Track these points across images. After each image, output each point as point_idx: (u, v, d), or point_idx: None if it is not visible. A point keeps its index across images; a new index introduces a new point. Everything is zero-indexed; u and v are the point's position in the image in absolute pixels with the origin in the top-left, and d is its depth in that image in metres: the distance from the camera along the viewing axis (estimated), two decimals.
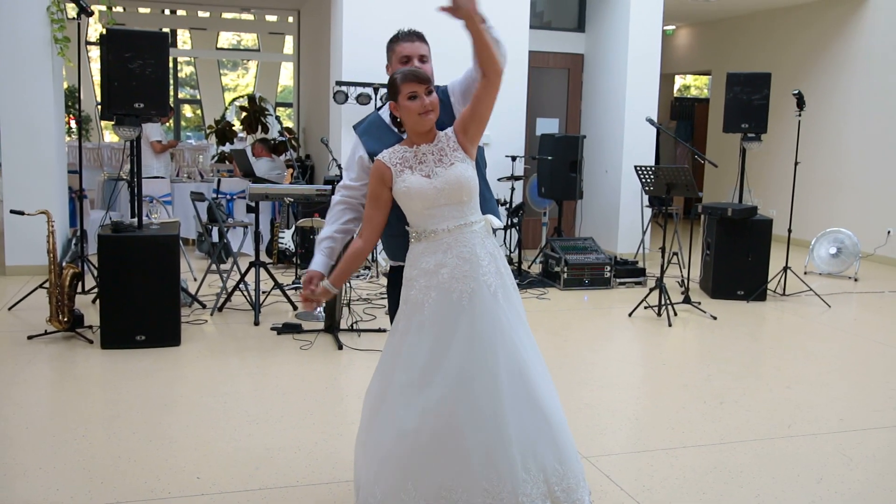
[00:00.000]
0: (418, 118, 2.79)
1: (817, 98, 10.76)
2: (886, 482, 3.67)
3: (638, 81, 9.32)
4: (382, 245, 3.25)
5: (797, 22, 11.45)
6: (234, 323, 6.17)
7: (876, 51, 10.16)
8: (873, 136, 10.15)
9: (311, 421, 4.21)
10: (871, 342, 6.27)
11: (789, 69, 11.35)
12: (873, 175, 10.14)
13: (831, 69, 10.83)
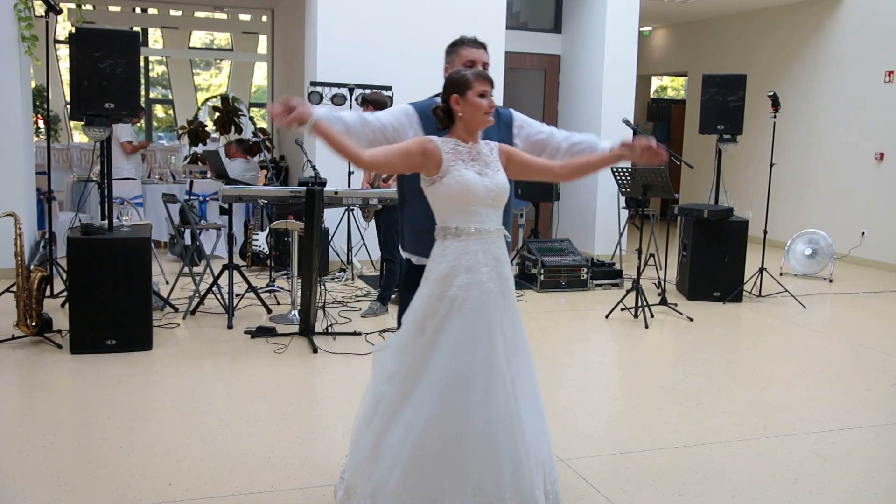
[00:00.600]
0: (483, 116, 2.86)
1: (792, 99, 10.88)
2: (860, 482, 3.72)
3: (614, 83, 9.38)
4: (406, 242, 3.28)
5: (772, 23, 11.58)
6: (207, 327, 6.14)
7: (849, 52, 10.30)
8: (847, 137, 10.28)
9: (286, 425, 4.19)
10: (846, 343, 6.36)
11: (765, 71, 11.47)
12: (848, 176, 10.27)
13: (806, 70, 10.97)
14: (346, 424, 4.20)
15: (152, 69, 20.02)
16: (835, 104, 10.51)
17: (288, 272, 7.05)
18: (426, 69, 8.72)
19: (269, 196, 6.06)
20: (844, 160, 10.34)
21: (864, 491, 3.63)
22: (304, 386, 4.91)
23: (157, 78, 20.61)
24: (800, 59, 11.07)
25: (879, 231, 9.81)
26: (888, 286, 8.68)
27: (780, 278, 8.40)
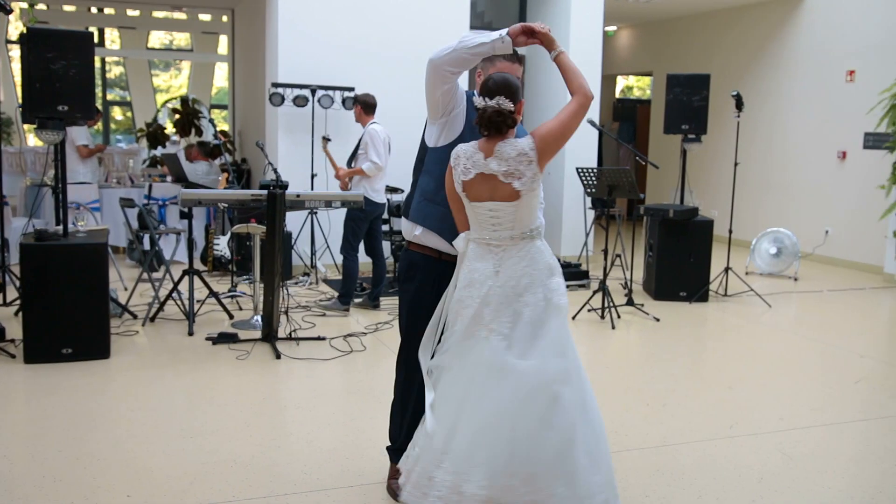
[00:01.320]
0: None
1: (756, 99, 11.04)
2: (825, 480, 3.78)
3: None
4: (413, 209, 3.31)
5: (735, 23, 11.74)
6: (168, 333, 6.07)
7: (811, 52, 10.46)
8: (810, 137, 10.45)
9: (248, 433, 4.16)
10: (811, 341, 6.45)
11: (728, 70, 11.62)
12: (811, 175, 10.44)
13: (769, 70, 11.13)
14: (311, 431, 4.20)
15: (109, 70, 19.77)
16: (797, 103, 10.68)
17: (250, 277, 7.01)
18: (390, 70, 8.73)
19: (229, 200, 6.01)
20: (807, 159, 10.50)
21: (829, 489, 3.69)
22: (267, 392, 4.88)
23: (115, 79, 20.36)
24: (762, 58, 11.23)
25: (843, 229, 9.98)
26: (852, 284, 8.83)
27: (746, 277, 8.51)
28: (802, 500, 3.56)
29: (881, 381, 5.46)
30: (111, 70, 19.94)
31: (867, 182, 9.45)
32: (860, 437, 4.40)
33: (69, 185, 6.25)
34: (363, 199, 6.32)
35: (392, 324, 6.50)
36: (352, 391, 4.95)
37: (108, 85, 19.71)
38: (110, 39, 18.70)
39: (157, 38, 19.70)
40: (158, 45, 19.97)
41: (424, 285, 3.33)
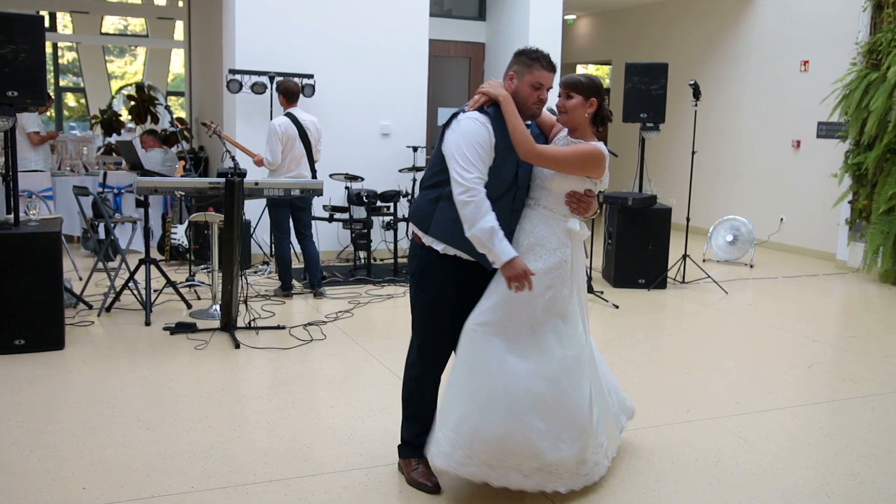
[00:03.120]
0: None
1: (713, 88, 11.16)
2: (779, 462, 3.85)
3: None
4: (441, 230, 3.25)
5: (694, 13, 11.85)
6: (124, 324, 5.99)
7: (766, 43, 10.61)
8: (765, 126, 10.61)
9: (207, 423, 4.13)
10: (766, 327, 6.56)
11: (687, 59, 11.74)
12: (766, 164, 10.59)
13: (725, 60, 11.26)
14: (271, 420, 4.17)
15: (62, 56, 19.38)
16: (752, 93, 10.83)
17: (208, 266, 6.94)
18: (350, 56, 8.68)
19: (186, 188, 5.93)
20: (763, 148, 10.66)
21: (782, 470, 3.76)
22: (226, 382, 4.84)
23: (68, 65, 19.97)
24: (719, 47, 11.36)
25: (797, 217, 10.16)
26: (805, 271, 9.00)
27: (703, 264, 8.62)
28: (757, 483, 3.62)
29: (833, 365, 5.57)
30: (64, 56, 19.54)
31: (821, 171, 9.62)
32: (813, 419, 4.49)
33: (21, 173, 6.11)
34: (322, 185, 6.28)
35: (353, 312, 6.48)
36: (312, 380, 4.93)
37: (61, 71, 19.33)
38: (62, 24, 18.31)
39: (111, 23, 19.33)
40: (113, 30, 19.59)
41: (447, 283, 3.29)
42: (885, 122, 8.06)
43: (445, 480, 3.50)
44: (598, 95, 3.31)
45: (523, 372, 3.16)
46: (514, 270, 3.08)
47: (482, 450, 3.11)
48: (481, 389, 3.14)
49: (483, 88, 3.21)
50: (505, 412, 3.11)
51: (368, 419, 4.20)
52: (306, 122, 6.87)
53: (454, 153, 3.10)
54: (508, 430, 3.11)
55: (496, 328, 3.20)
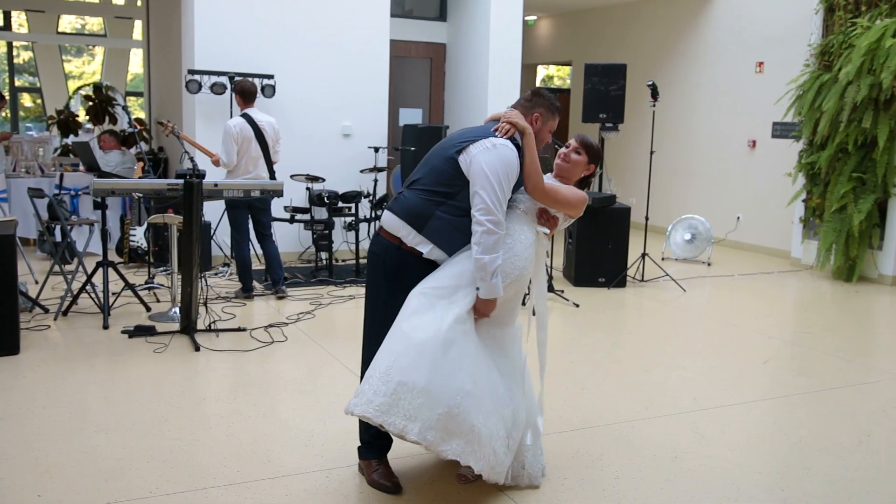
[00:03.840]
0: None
1: (671, 89, 11.29)
2: (735, 456, 3.91)
3: (500, 71, 9.50)
4: (441, 237, 3.28)
5: (651, 15, 11.96)
6: (81, 327, 5.90)
7: (722, 44, 10.74)
8: (722, 126, 10.74)
9: (166, 427, 4.08)
10: (723, 324, 6.65)
11: (645, 61, 11.85)
12: (723, 163, 10.73)
13: (682, 61, 11.38)
14: (231, 423, 4.14)
15: (17, 55, 19.03)
16: (709, 93, 10.96)
17: (168, 268, 6.86)
18: (310, 57, 8.63)
19: (144, 189, 5.85)
20: (720, 148, 10.79)
21: (738, 464, 3.81)
22: (186, 385, 4.79)
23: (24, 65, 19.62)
24: (676, 49, 11.48)
25: (753, 215, 10.31)
26: (762, 268, 9.13)
27: (662, 263, 8.71)
28: (714, 478, 3.67)
29: (787, 360, 5.67)
30: (19, 55, 19.20)
31: (776, 170, 9.77)
32: (768, 414, 4.57)
33: None
34: (282, 186, 6.24)
35: (314, 314, 6.45)
36: (273, 382, 4.89)
37: (17, 70, 18.98)
38: (17, 23, 17.98)
39: (67, 22, 19.02)
40: (70, 29, 19.29)
41: (414, 283, 3.29)
42: (837, 123, 8.21)
43: (406, 481, 3.50)
44: (597, 164, 3.57)
45: (460, 333, 3.15)
46: (489, 307, 3.24)
47: (405, 400, 3.05)
48: (415, 343, 3.09)
49: (511, 119, 3.31)
50: (432, 364, 3.06)
51: (329, 421, 4.19)
52: (263, 122, 6.81)
53: (491, 178, 3.16)
54: (435, 382, 3.05)
55: (444, 293, 3.23)
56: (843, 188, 8.24)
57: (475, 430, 3.09)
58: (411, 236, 3.30)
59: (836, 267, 8.52)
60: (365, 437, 3.50)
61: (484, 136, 3.27)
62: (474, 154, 3.21)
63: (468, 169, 3.20)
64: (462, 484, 3.51)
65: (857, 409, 4.69)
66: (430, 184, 3.31)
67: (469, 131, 3.36)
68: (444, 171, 3.28)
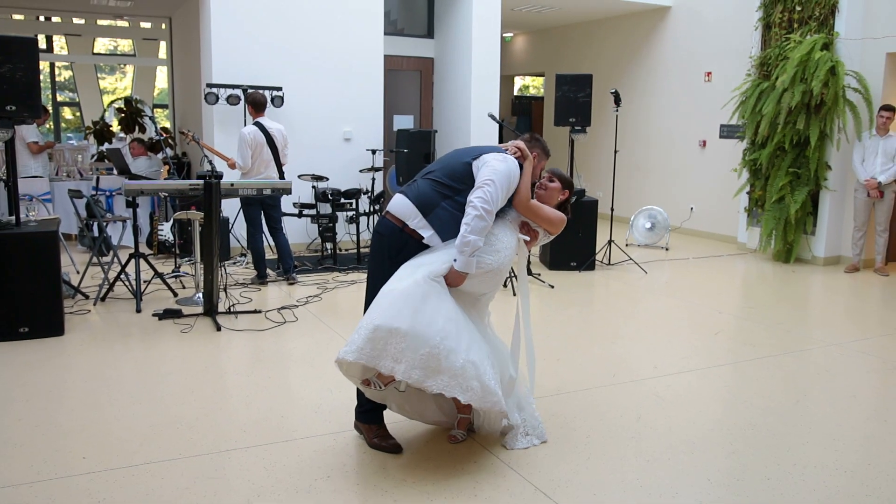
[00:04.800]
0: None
1: (632, 95, 11.26)
2: (689, 415, 3.92)
3: (481, 82, 9.45)
4: (447, 227, 3.33)
5: (614, 30, 11.92)
6: (117, 311, 5.86)
7: (676, 56, 10.71)
8: (677, 128, 10.73)
9: (192, 398, 4.06)
10: (680, 301, 6.66)
11: (609, 71, 11.81)
12: (678, 160, 10.73)
13: (642, 71, 11.35)
14: (249, 394, 4.12)
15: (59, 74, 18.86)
16: (665, 99, 10.94)
17: (192, 258, 6.82)
18: (314, 71, 8.58)
19: (168, 189, 5.81)
20: (675, 147, 10.79)
21: (693, 422, 3.82)
22: (209, 361, 4.77)
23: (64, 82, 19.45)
24: (637, 60, 11.45)
25: (705, 206, 10.31)
26: (713, 252, 9.14)
27: (626, 248, 8.72)
28: (673, 436, 3.68)
29: (735, 332, 5.68)
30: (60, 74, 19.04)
31: (724, 166, 9.77)
32: (720, 379, 4.58)
33: (22, 178, 5.95)
34: (291, 185, 6.21)
35: (321, 297, 6.43)
36: (285, 358, 4.88)
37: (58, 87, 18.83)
38: (59, 46, 17.81)
39: (102, 44, 18.85)
40: (104, 50, 19.11)
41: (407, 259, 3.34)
42: (775, 124, 8.21)
43: (403, 441, 3.49)
44: (570, 191, 3.62)
45: (436, 286, 3.15)
46: (458, 279, 3.24)
47: (392, 344, 3.03)
48: (397, 294, 3.09)
49: (520, 145, 3.49)
50: (413, 311, 3.05)
51: (336, 391, 4.18)
52: (273, 129, 6.77)
53: (497, 178, 3.28)
54: (417, 327, 3.03)
55: (424, 263, 3.24)
56: (781, 181, 8.25)
57: (457, 365, 3.07)
58: (417, 220, 3.34)
59: (776, 250, 8.54)
60: (366, 405, 3.49)
61: (498, 151, 3.45)
62: (488, 160, 3.37)
63: (478, 171, 3.33)
64: (452, 444, 3.51)
65: (795, 373, 4.71)
66: (443, 177, 3.40)
67: (483, 147, 3.52)
68: (458, 170, 3.40)
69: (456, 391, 3.08)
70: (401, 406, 3.53)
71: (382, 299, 3.13)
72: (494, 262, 3.31)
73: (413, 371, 3.03)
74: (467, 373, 3.09)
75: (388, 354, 3.04)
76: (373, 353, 3.05)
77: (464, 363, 3.09)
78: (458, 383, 3.08)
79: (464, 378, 3.09)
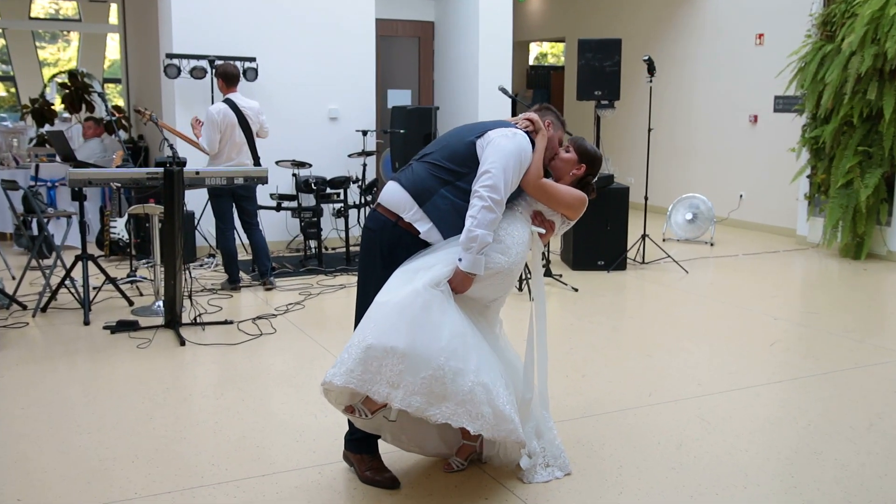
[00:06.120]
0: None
1: (668, 64, 11.24)
2: (742, 443, 3.90)
3: (490, 50, 9.44)
4: (447, 221, 3.30)
5: None
6: (61, 324, 5.86)
7: (721, 15, 10.69)
8: (723, 101, 10.70)
9: (151, 426, 4.05)
10: (727, 305, 6.64)
11: (640, 35, 11.79)
12: (724, 140, 10.70)
13: (679, 34, 11.33)
14: (219, 420, 4.11)
15: None
16: (708, 67, 10.91)
17: (150, 260, 6.81)
18: (293, 38, 8.57)
19: (123, 179, 5.80)
20: (721, 124, 10.76)
21: (745, 451, 3.80)
22: (171, 382, 4.76)
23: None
24: (674, 22, 11.42)
25: (756, 193, 10.29)
26: (766, 247, 9.12)
27: (663, 244, 8.70)
28: (721, 466, 3.66)
29: (795, 342, 5.66)
30: None
31: (779, 145, 9.74)
32: (776, 398, 4.55)
33: None
34: (267, 173, 6.20)
35: (304, 304, 6.42)
36: (262, 376, 4.87)
37: None
38: None
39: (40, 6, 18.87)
40: (42, 14, 19.13)
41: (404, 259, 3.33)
42: (841, 95, 8.18)
43: (400, 475, 3.48)
44: (589, 165, 3.52)
45: (438, 294, 3.13)
46: (466, 283, 3.21)
47: (387, 366, 3.00)
48: (391, 307, 3.07)
49: (531, 117, 3.44)
50: (411, 326, 3.02)
51: (321, 415, 4.16)
52: (246, 108, 6.76)
53: (504, 160, 3.24)
54: (416, 345, 3.00)
55: (424, 266, 3.23)
56: (848, 162, 8.22)
57: (465, 389, 3.03)
58: (412, 211, 3.31)
59: (843, 244, 8.51)
60: (357, 433, 3.47)
61: (505, 125, 3.40)
62: (493, 137, 3.31)
63: (483, 151, 3.28)
64: (447, 472, 3.50)
65: (867, 391, 4.68)
66: (442, 159, 3.36)
67: (489, 122, 3.46)
68: (459, 151, 3.35)
69: (464, 420, 3.04)
70: (396, 436, 3.51)
71: (375, 312, 3.10)
72: (505, 261, 3.28)
73: (413, 398, 3.00)
74: (477, 398, 3.05)
75: (382, 378, 3.01)
76: (364, 377, 3.01)
77: (472, 386, 3.04)
78: (466, 410, 3.04)
79: (473, 404, 3.05)
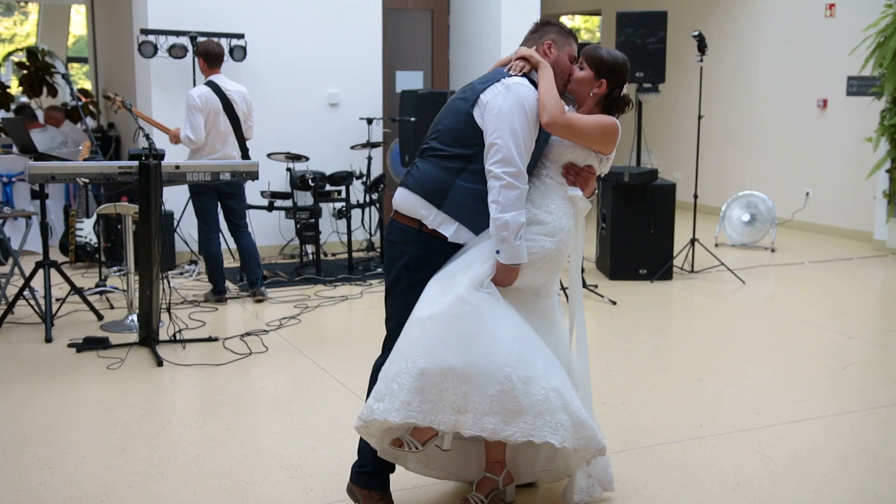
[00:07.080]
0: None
1: (722, 40, 11.22)
2: (810, 483, 3.88)
3: (514, 24, 9.41)
4: (466, 213, 3.28)
5: None
6: (19, 341, 5.91)
7: None
8: (786, 82, 10.68)
9: (123, 459, 4.07)
10: (791, 322, 6.62)
11: (690, 7, 11.78)
12: (788, 128, 10.67)
13: (735, 6, 11.31)
14: (202, 452, 4.13)
15: None
16: (770, 44, 10.89)
17: (122, 268, 6.86)
18: (287, 12, 8.61)
19: (91, 174, 5.84)
20: (783, 109, 10.73)
21: (814, 492, 3.79)
22: (147, 408, 4.79)
23: None
24: None
25: (825, 191, 10.25)
26: (837, 254, 9.09)
27: (715, 250, 8.68)
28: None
29: (873, 365, 5.63)
30: None
31: (852, 134, 9.71)
32: (850, 431, 4.53)
33: None
34: (257, 167, 6.23)
35: (300, 318, 6.44)
36: (251, 402, 4.89)
37: None
38: None
39: None
40: None
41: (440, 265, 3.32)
42: None
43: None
44: (610, 78, 3.41)
45: (485, 295, 3.15)
46: (511, 275, 3.21)
47: (448, 390, 3.02)
48: (435, 321, 3.07)
49: (523, 53, 3.36)
50: (462, 338, 3.04)
51: (320, 447, 4.18)
52: (232, 92, 6.79)
53: (508, 124, 3.18)
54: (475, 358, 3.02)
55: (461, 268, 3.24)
56: None
57: (539, 398, 3.06)
58: (432, 216, 3.30)
59: None
60: (367, 465, 3.47)
61: (495, 80, 3.30)
62: (486, 101, 3.25)
63: (482, 120, 3.23)
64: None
65: None
66: (444, 146, 3.33)
67: (478, 81, 3.38)
68: (458, 129, 3.31)
69: (546, 433, 3.06)
70: (425, 464, 3.51)
71: (419, 331, 3.10)
72: (550, 242, 3.29)
73: (485, 420, 3.02)
74: (553, 405, 3.08)
75: (445, 405, 3.02)
76: (424, 408, 3.02)
77: (546, 393, 3.08)
78: (545, 422, 3.06)
79: (551, 413, 3.07)
